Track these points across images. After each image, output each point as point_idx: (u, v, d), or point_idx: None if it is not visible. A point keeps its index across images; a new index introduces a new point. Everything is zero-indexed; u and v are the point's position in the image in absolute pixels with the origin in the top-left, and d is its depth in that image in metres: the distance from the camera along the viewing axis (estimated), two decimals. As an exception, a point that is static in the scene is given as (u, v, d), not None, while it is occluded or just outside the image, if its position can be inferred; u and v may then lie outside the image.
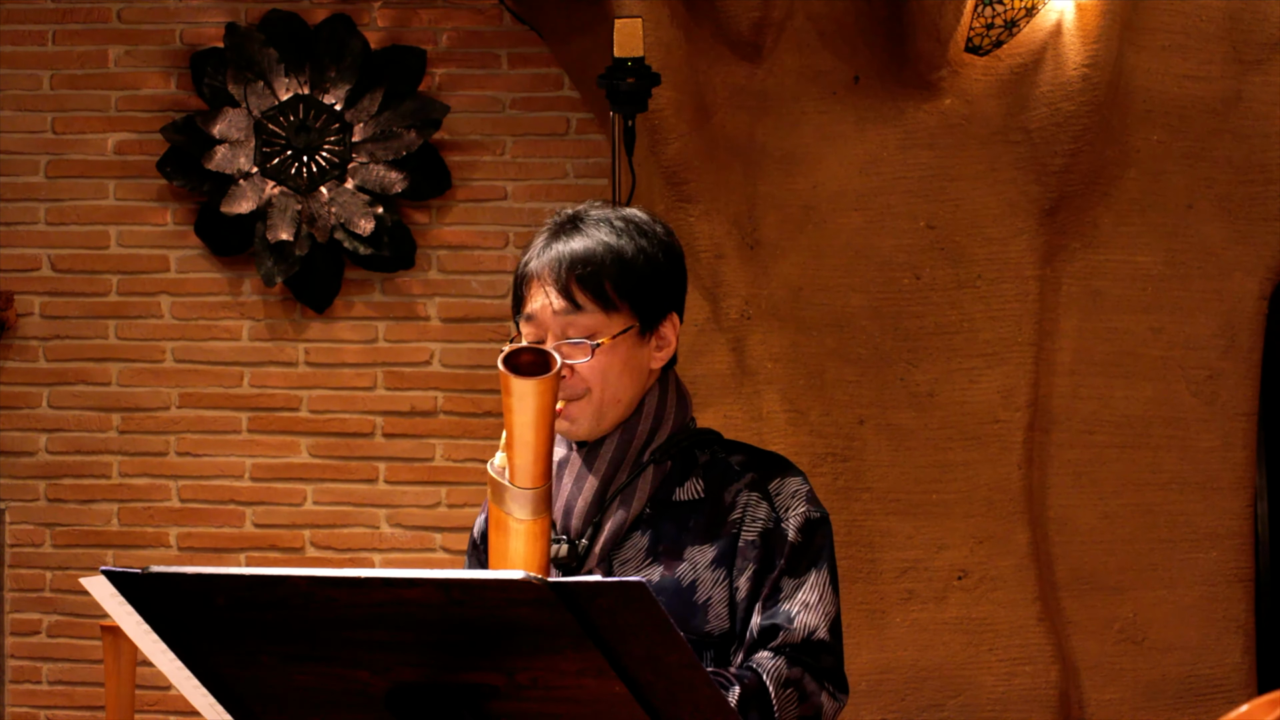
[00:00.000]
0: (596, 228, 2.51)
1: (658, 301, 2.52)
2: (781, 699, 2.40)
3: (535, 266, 2.50)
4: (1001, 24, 4.78)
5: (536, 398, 2.35)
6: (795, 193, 4.93)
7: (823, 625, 2.45)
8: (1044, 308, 4.90)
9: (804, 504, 2.50)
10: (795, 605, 2.44)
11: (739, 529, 2.48)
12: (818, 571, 2.47)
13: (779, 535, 2.47)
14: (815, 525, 2.49)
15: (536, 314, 2.49)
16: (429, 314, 5.50)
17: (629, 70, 4.54)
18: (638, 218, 2.55)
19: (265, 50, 5.45)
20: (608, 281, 2.48)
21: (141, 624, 2.16)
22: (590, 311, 2.48)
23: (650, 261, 2.51)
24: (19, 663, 5.51)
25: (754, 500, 2.49)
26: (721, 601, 2.47)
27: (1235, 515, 4.97)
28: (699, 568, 2.47)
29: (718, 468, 2.53)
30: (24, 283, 5.55)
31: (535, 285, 2.50)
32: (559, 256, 2.49)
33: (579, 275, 2.47)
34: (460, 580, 1.94)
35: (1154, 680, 4.92)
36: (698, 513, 2.50)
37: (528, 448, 2.37)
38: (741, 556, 2.47)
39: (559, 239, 2.51)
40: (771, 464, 2.54)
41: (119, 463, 5.52)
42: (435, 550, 5.46)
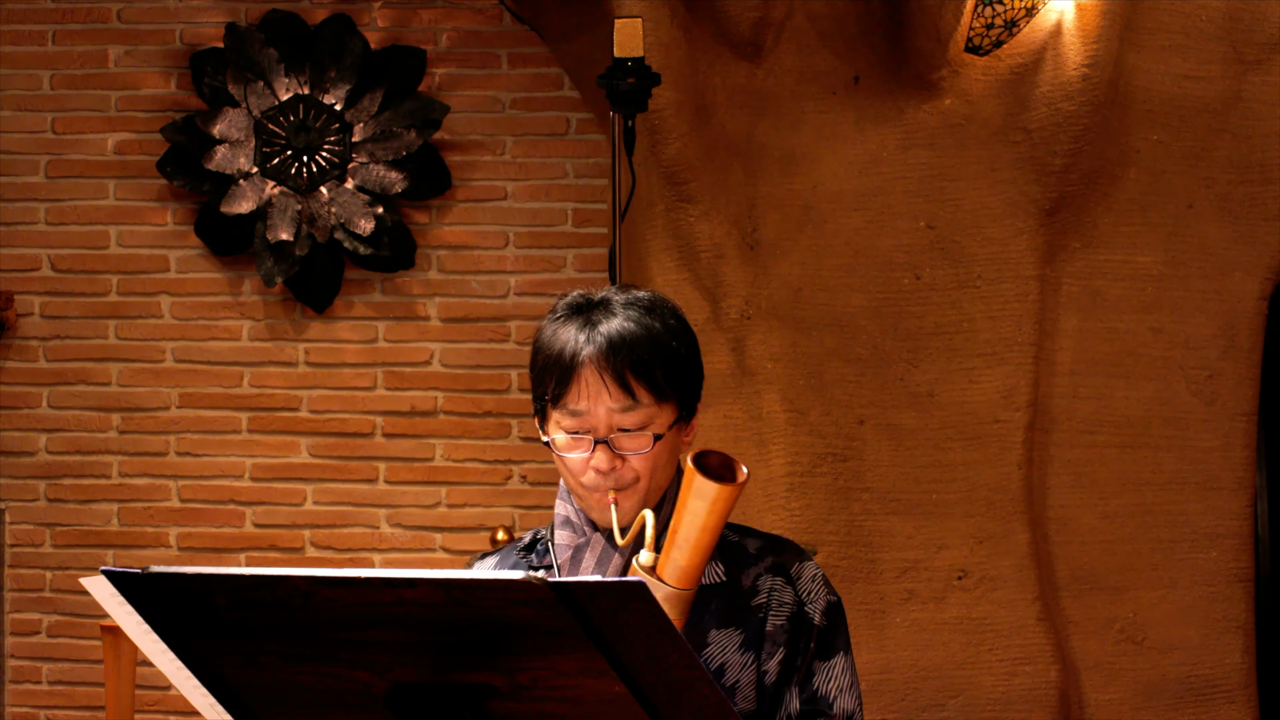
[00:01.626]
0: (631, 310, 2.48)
1: (695, 389, 2.55)
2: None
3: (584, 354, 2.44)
4: (1001, 24, 4.78)
5: (722, 504, 2.34)
6: (795, 193, 4.93)
7: (859, 710, 2.54)
8: (1044, 308, 4.90)
9: (824, 589, 2.55)
10: (832, 689, 2.51)
11: (765, 613, 2.52)
12: (844, 655, 2.54)
13: (806, 620, 2.52)
14: (836, 609, 2.56)
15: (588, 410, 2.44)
16: (429, 314, 5.51)
17: (629, 70, 4.54)
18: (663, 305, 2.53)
19: (265, 50, 5.45)
20: (659, 371, 2.46)
21: (141, 624, 2.16)
22: (646, 405, 2.46)
23: (688, 348, 2.52)
24: (19, 663, 5.51)
25: (779, 585, 2.53)
26: (749, 684, 2.51)
27: (1235, 515, 4.97)
28: (727, 651, 2.51)
29: (733, 551, 2.56)
30: (24, 283, 5.55)
31: (586, 377, 2.44)
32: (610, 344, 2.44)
33: (634, 366, 2.44)
34: (460, 580, 1.94)
35: (1154, 680, 4.92)
36: (719, 596, 2.52)
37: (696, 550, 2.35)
38: (770, 641, 2.51)
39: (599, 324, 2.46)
40: (786, 549, 2.58)
41: (119, 463, 5.52)
42: (435, 550, 5.46)
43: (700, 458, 2.37)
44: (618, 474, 2.46)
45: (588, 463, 2.46)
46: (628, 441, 2.45)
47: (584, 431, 2.45)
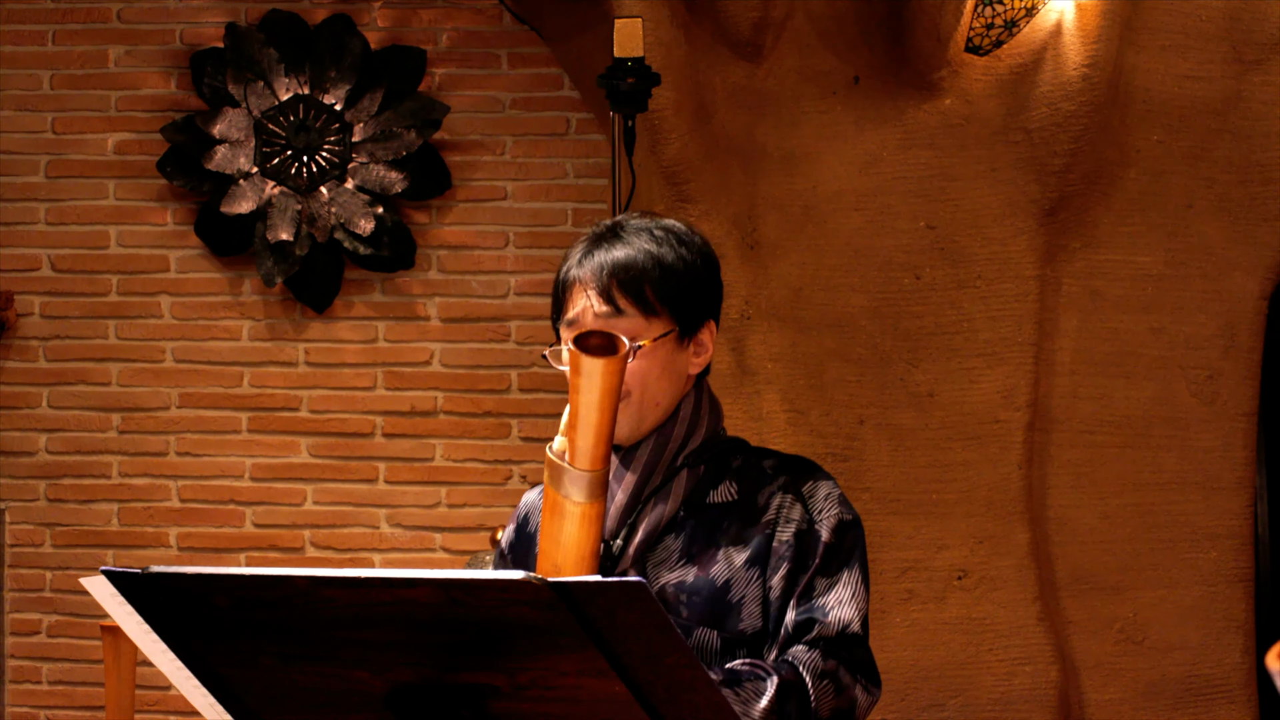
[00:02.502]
0: (637, 236, 2.58)
1: (696, 308, 2.58)
2: (818, 690, 2.45)
3: (577, 273, 2.56)
4: (1001, 24, 4.78)
5: (604, 378, 2.40)
6: (795, 193, 4.93)
7: (856, 619, 2.52)
8: (1044, 308, 4.90)
9: (837, 506, 2.56)
10: (830, 601, 2.51)
11: (773, 530, 2.54)
12: (849, 571, 2.54)
13: (813, 536, 2.53)
14: (848, 527, 2.56)
15: (578, 318, 2.54)
16: (429, 314, 5.51)
17: (629, 70, 4.54)
18: (677, 228, 2.62)
19: (265, 50, 5.45)
20: (648, 286, 2.54)
21: (141, 624, 2.16)
22: (631, 316, 2.53)
23: (690, 269, 2.58)
24: (19, 663, 5.51)
25: (788, 502, 2.55)
26: (755, 600, 2.52)
27: (1235, 515, 4.97)
28: (733, 568, 2.53)
29: (751, 471, 2.59)
30: (24, 283, 5.55)
31: (577, 290, 2.55)
32: (601, 263, 2.55)
33: (620, 280, 2.53)
34: (460, 580, 1.94)
35: (1154, 680, 4.92)
36: (731, 515, 2.56)
37: (591, 429, 2.41)
38: (776, 556, 2.52)
39: (600, 247, 2.58)
40: (803, 468, 2.60)
41: (119, 463, 5.52)
42: (435, 550, 5.46)
43: (581, 338, 2.44)
44: None
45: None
46: None
47: None
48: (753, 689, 2.41)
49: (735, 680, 2.42)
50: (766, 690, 2.41)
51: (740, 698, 2.40)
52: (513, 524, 2.75)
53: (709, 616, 2.50)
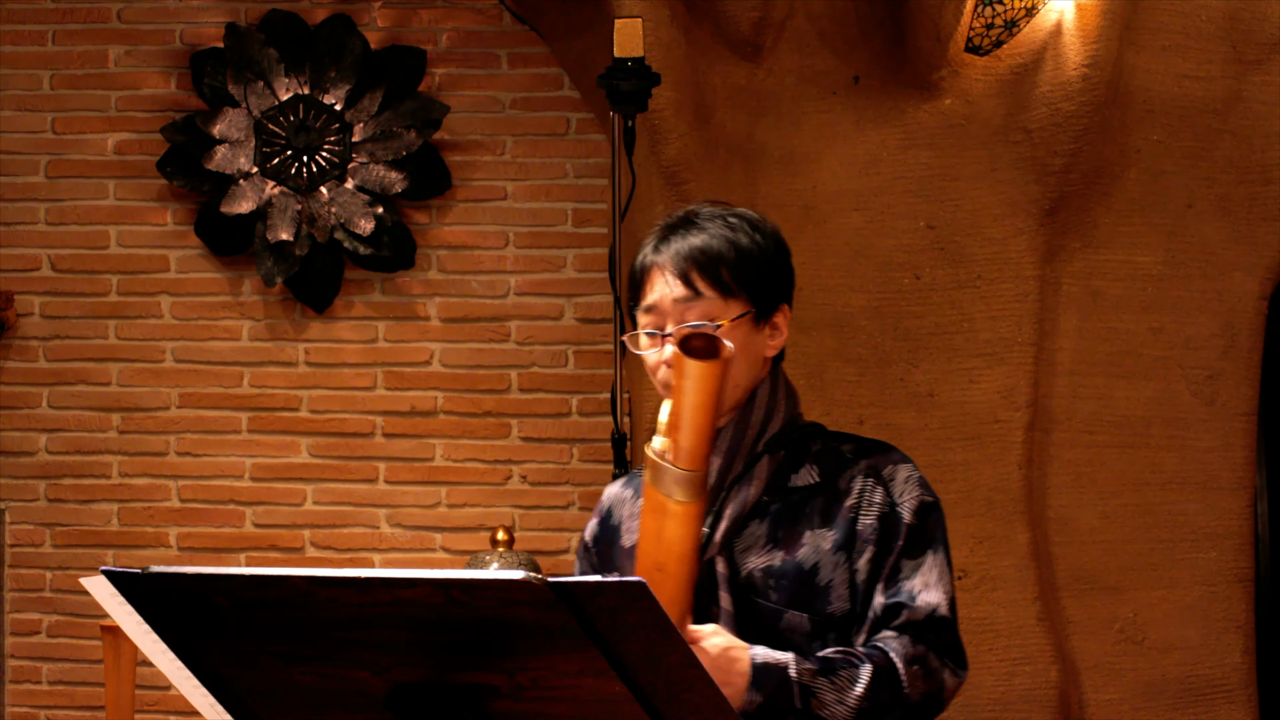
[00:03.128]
0: (711, 223, 2.66)
1: (771, 290, 2.65)
2: (909, 675, 2.51)
3: (654, 259, 2.64)
4: (1001, 24, 4.78)
5: (708, 380, 2.43)
6: (795, 193, 4.93)
7: (943, 603, 2.57)
8: (1044, 308, 4.90)
9: (917, 489, 2.63)
10: (916, 584, 2.57)
11: (856, 513, 2.59)
12: (934, 553, 2.60)
13: (895, 519, 2.59)
14: (929, 509, 2.63)
15: (657, 303, 2.62)
16: (429, 314, 5.51)
17: (629, 70, 4.54)
18: (749, 215, 2.71)
19: (265, 50, 5.45)
20: (725, 269, 2.61)
21: (141, 624, 2.16)
22: (709, 298, 2.60)
23: (763, 252, 2.65)
24: (19, 663, 5.51)
25: (870, 486, 2.61)
26: (843, 584, 2.57)
27: (1235, 515, 4.97)
28: (820, 552, 2.58)
29: (831, 455, 2.65)
30: (24, 283, 5.55)
31: (655, 276, 2.63)
32: (678, 250, 2.62)
33: (698, 264, 2.60)
34: (460, 580, 1.94)
35: (1154, 680, 4.92)
36: (814, 499, 2.61)
37: (694, 430, 2.44)
38: (860, 539, 2.58)
39: (675, 234, 2.65)
40: (883, 451, 2.67)
41: (119, 463, 5.52)
42: (435, 550, 5.46)
43: (685, 341, 2.47)
44: None
45: (661, 360, 2.60)
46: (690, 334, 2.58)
47: (658, 329, 2.62)
48: (847, 676, 2.48)
49: (830, 669, 2.48)
50: (861, 678, 2.47)
51: (835, 686, 2.47)
52: (596, 518, 2.82)
53: (798, 600, 2.56)
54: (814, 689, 2.47)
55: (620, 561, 2.72)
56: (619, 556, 2.73)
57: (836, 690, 2.47)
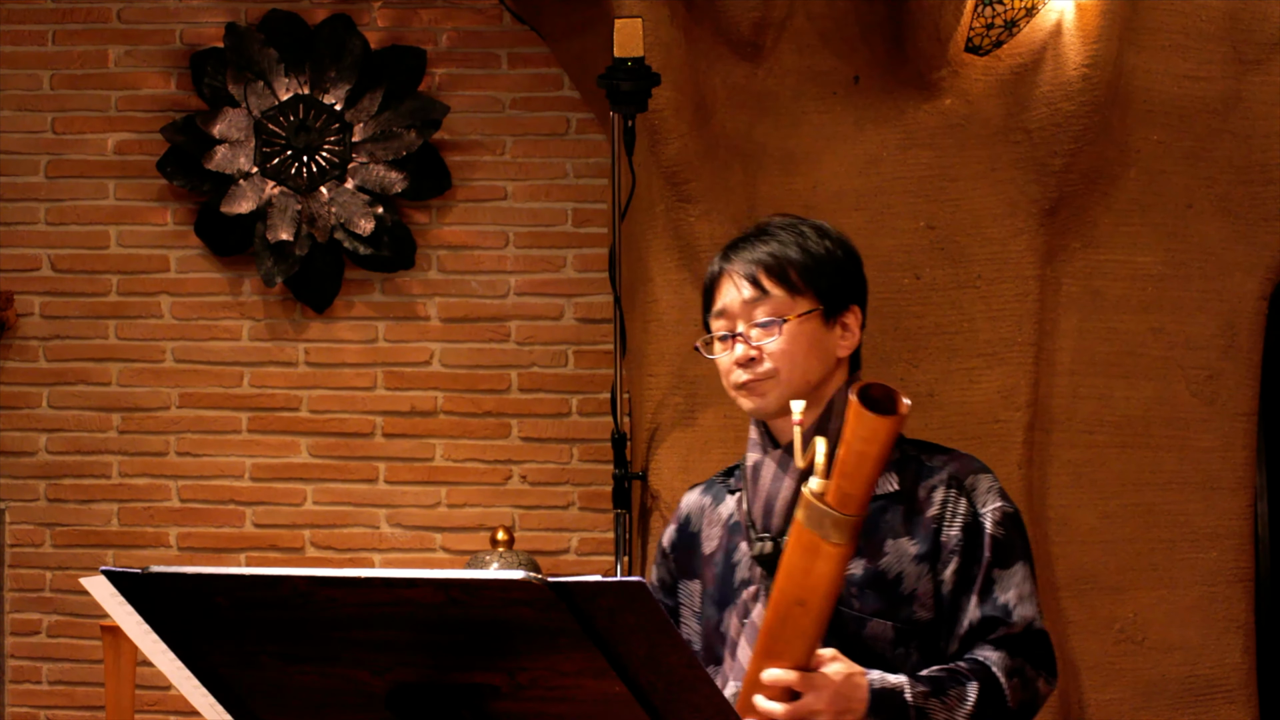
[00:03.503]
0: (781, 230, 2.74)
1: (839, 290, 2.72)
2: (1010, 687, 2.59)
3: (724, 266, 2.74)
4: (1001, 24, 4.78)
5: (885, 435, 2.45)
6: (795, 193, 4.93)
7: (1037, 615, 2.64)
8: (1044, 308, 4.90)
9: (999, 499, 2.68)
10: (1010, 597, 2.62)
11: (940, 524, 2.65)
12: (1023, 564, 2.66)
13: (979, 529, 2.64)
14: (1012, 520, 2.68)
15: (727, 306, 2.72)
16: (429, 314, 5.50)
17: (629, 70, 4.54)
18: (819, 224, 2.79)
19: (265, 50, 5.45)
20: (791, 269, 2.69)
21: (141, 624, 2.16)
22: (776, 296, 2.69)
23: (830, 254, 2.73)
24: (19, 663, 5.51)
25: (953, 496, 2.66)
26: (927, 593, 2.63)
27: (1235, 515, 4.97)
28: (904, 560, 2.64)
29: (910, 464, 2.70)
30: (24, 283, 5.55)
31: (724, 281, 2.73)
32: (746, 255, 2.72)
33: (765, 265, 2.69)
34: (460, 580, 1.94)
35: (1154, 680, 4.92)
36: (894, 507, 2.67)
37: (863, 481, 2.46)
38: (946, 550, 2.64)
39: (746, 244, 2.75)
40: (963, 461, 2.73)
41: (119, 463, 5.52)
42: (435, 550, 5.46)
43: (865, 390, 2.49)
44: (755, 365, 2.67)
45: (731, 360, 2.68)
46: (760, 332, 2.68)
47: (728, 333, 2.70)
48: (956, 695, 2.56)
49: (940, 689, 2.56)
50: (969, 696, 2.56)
51: (946, 705, 2.55)
52: (674, 524, 2.87)
53: (882, 608, 2.62)
54: (927, 710, 2.54)
55: (701, 568, 2.78)
56: (699, 563, 2.79)
57: (947, 709, 2.55)
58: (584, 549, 5.45)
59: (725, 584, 2.75)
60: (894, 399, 2.48)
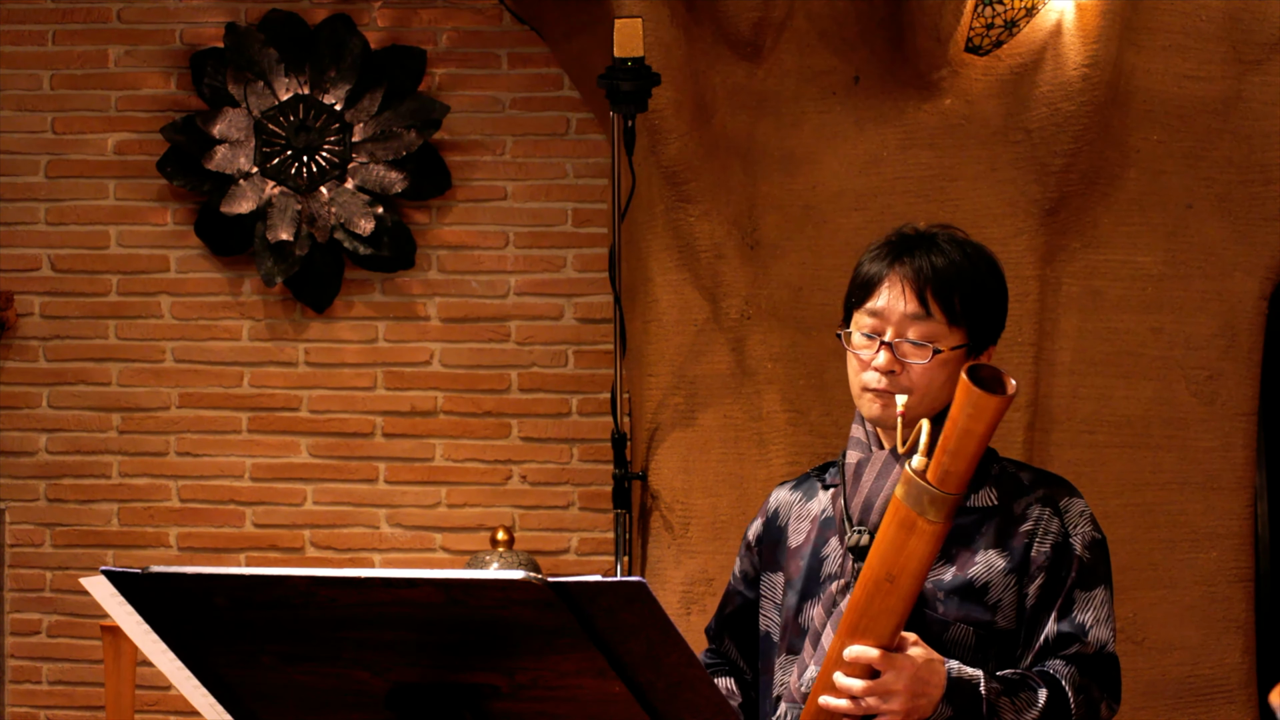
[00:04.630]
0: (950, 246, 2.76)
1: (990, 328, 2.79)
2: (1077, 703, 2.66)
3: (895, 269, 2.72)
4: (1001, 24, 4.78)
5: (992, 414, 2.50)
6: (795, 193, 4.93)
7: (1111, 640, 2.72)
8: (1044, 308, 4.90)
9: (1090, 524, 2.75)
10: (1089, 619, 2.70)
11: (1031, 540, 2.71)
12: (1105, 589, 2.73)
13: (1069, 550, 2.71)
14: (1100, 546, 2.75)
15: (884, 310, 2.71)
16: (429, 314, 5.50)
17: (629, 70, 4.54)
18: (984, 250, 2.82)
19: (265, 50, 5.45)
20: (958, 297, 2.72)
21: (141, 624, 2.16)
22: (936, 321, 2.71)
23: (993, 291, 2.79)
24: (19, 663, 5.51)
25: (1047, 515, 2.73)
26: (1011, 605, 2.69)
27: (1235, 515, 4.97)
28: (993, 571, 2.69)
29: (1009, 481, 2.78)
30: (24, 283, 5.55)
31: (892, 282, 2.72)
32: (920, 266, 2.72)
33: (935, 285, 2.70)
34: (460, 580, 1.94)
35: (1154, 680, 4.92)
36: (989, 520, 2.73)
37: (967, 458, 2.51)
38: (1034, 566, 2.70)
39: (917, 249, 2.74)
40: (1059, 484, 2.79)
41: (119, 463, 5.52)
42: (435, 550, 5.46)
43: (974, 370, 2.52)
44: (895, 379, 2.69)
45: (871, 361, 2.70)
46: (911, 349, 2.70)
47: (876, 334, 2.70)
48: (1026, 699, 2.62)
49: (1013, 689, 2.61)
50: (1038, 701, 2.62)
51: (1015, 706, 2.60)
52: (761, 518, 2.91)
53: (967, 614, 2.67)
54: (998, 707, 2.60)
55: (786, 561, 2.83)
56: (784, 556, 2.84)
57: (1016, 711, 2.61)
58: (584, 549, 5.45)
59: (811, 577, 2.80)
60: (1002, 380, 2.52)
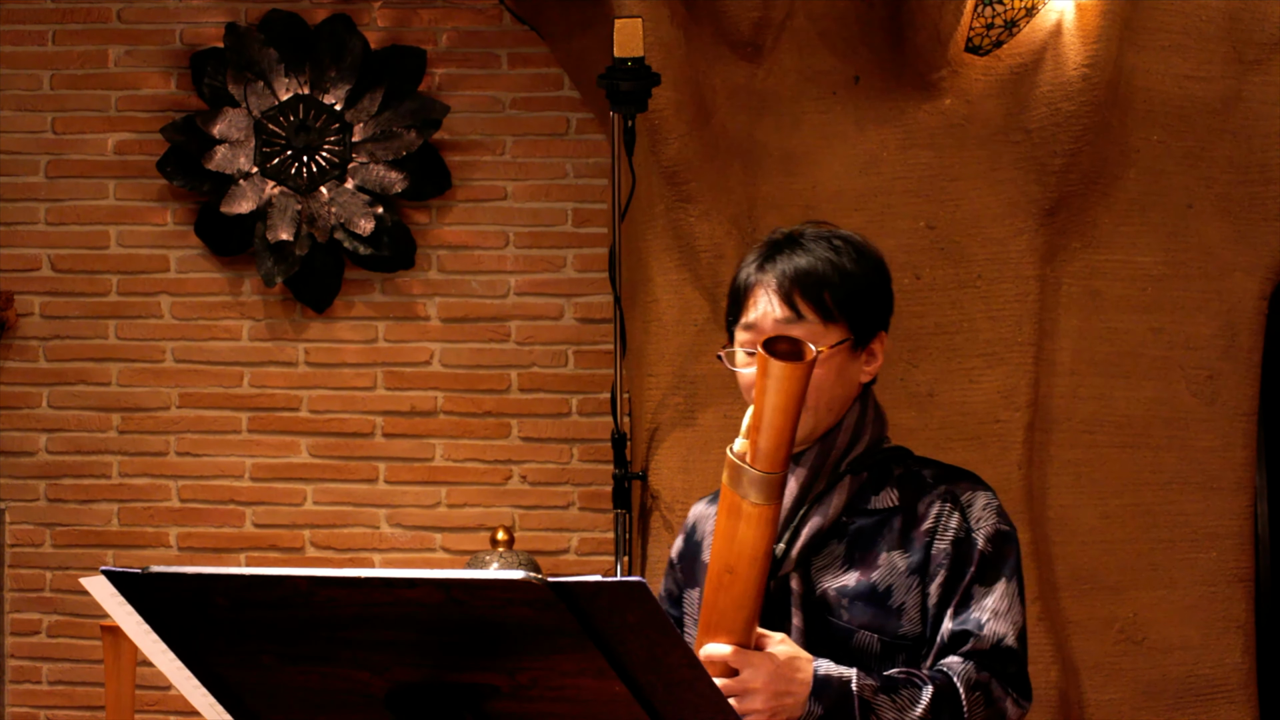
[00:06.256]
0: (816, 244, 2.66)
1: (871, 318, 2.68)
2: (970, 701, 2.53)
3: (759, 277, 2.64)
4: (1001, 24, 4.78)
5: (791, 383, 2.42)
6: (795, 193, 4.93)
7: (1010, 633, 2.59)
8: (1044, 308, 4.90)
9: (994, 517, 2.65)
10: (985, 613, 2.58)
11: (932, 537, 2.61)
12: (1007, 582, 2.61)
13: (969, 545, 2.61)
14: (1005, 538, 2.65)
15: (757, 321, 2.62)
16: (429, 314, 5.51)
17: (629, 70, 4.54)
18: (854, 238, 2.71)
19: (265, 50, 5.45)
20: (828, 294, 2.62)
21: (141, 624, 2.16)
22: (810, 321, 2.61)
23: (867, 279, 2.68)
24: (19, 663, 5.51)
25: (947, 510, 2.63)
26: (915, 607, 2.59)
27: (1235, 515, 4.97)
28: (895, 573, 2.60)
29: (911, 480, 2.67)
30: (24, 283, 5.55)
31: (758, 294, 2.64)
32: (784, 269, 2.63)
33: (802, 286, 2.62)
34: (460, 580, 1.94)
35: (1154, 680, 4.92)
36: (891, 520, 2.63)
37: (774, 432, 2.43)
38: (934, 564, 2.60)
39: (780, 253, 2.66)
40: (963, 478, 2.69)
41: (119, 463, 5.52)
42: (435, 550, 5.46)
43: (770, 343, 2.46)
44: None
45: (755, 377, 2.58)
46: None
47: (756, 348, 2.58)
48: (909, 696, 2.51)
49: (892, 687, 2.51)
50: (922, 699, 2.50)
51: (896, 704, 2.50)
52: (681, 535, 2.85)
53: (871, 621, 2.58)
54: (875, 705, 2.49)
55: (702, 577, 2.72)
56: (700, 571, 2.75)
57: (897, 709, 2.50)
58: (584, 549, 5.45)
59: None
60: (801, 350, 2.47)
